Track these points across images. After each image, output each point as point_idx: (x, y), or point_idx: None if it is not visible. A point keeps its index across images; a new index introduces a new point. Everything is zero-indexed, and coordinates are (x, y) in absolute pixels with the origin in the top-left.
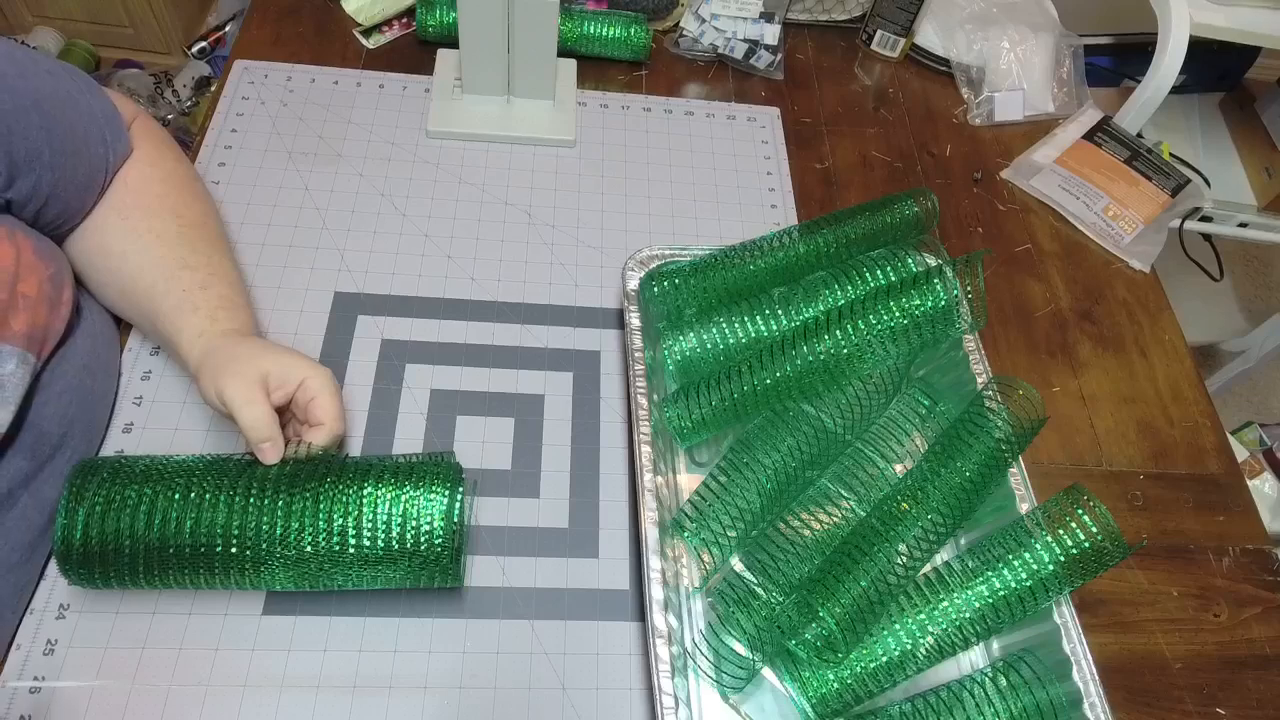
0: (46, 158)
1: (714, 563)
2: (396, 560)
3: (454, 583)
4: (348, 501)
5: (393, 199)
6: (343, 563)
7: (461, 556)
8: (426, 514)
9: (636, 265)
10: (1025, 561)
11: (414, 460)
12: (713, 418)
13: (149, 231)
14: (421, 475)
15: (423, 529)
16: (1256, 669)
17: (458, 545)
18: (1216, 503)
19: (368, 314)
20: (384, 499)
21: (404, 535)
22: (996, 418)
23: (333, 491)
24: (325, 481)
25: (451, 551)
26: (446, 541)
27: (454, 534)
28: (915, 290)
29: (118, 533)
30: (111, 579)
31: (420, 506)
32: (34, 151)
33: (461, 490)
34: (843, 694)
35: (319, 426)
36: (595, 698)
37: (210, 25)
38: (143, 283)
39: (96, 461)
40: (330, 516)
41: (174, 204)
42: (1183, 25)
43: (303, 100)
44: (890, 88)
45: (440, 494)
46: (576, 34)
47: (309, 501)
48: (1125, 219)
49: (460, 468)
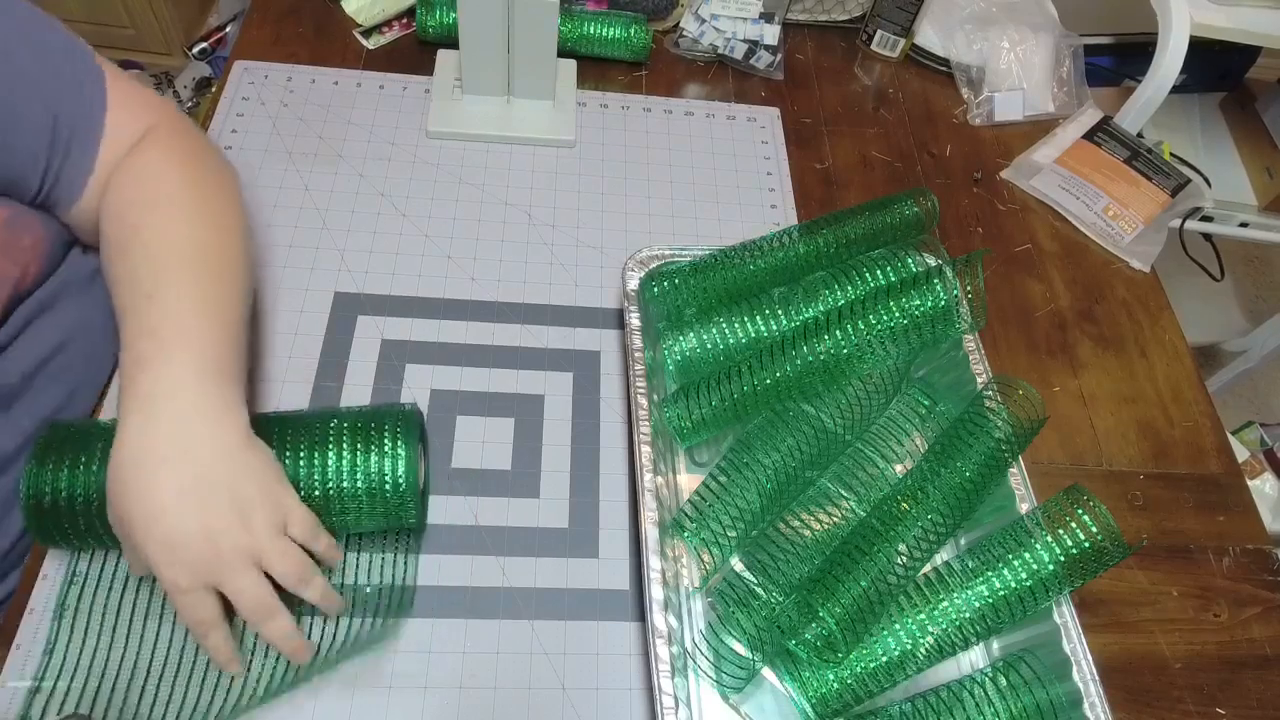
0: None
1: (714, 563)
2: (359, 497)
3: (413, 523)
4: (312, 442)
5: (393, 199)
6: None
7: (424, 499)
8: (389, 447)
9: (636, 265)
10: (1025, 561)
11: (375, 406)
12: (713, 418)
13: (112, 272)
14: (381, 419)
15: (386, 466)
16: (1256, 669)
17: (422, 486)
18: (1217, 503)
19: (368, 314)
20: (346, 430)
21: (368, 466)
22: (996, 418)
23: (296, 440)
24: (289, 430)
25: (413, 488)
26: (409, 479)
27: (413, 470)
28: (915, 290)
29: (87, 487)
30: (71, 536)
31: (379, 443)
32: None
33: (416, 433)
34: (843, 694)
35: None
36: (595, 698)
37: (211, 26)
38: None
39: (69, 421)
40: (297, 450)
41: (148, 237)
42: (1183, 25)
43: (303, 101)
44: (890, 88)
45: (401, 436)
46: (576, 34)
47: (274, 436)
48: (1125, 219)
49: (418, 415)
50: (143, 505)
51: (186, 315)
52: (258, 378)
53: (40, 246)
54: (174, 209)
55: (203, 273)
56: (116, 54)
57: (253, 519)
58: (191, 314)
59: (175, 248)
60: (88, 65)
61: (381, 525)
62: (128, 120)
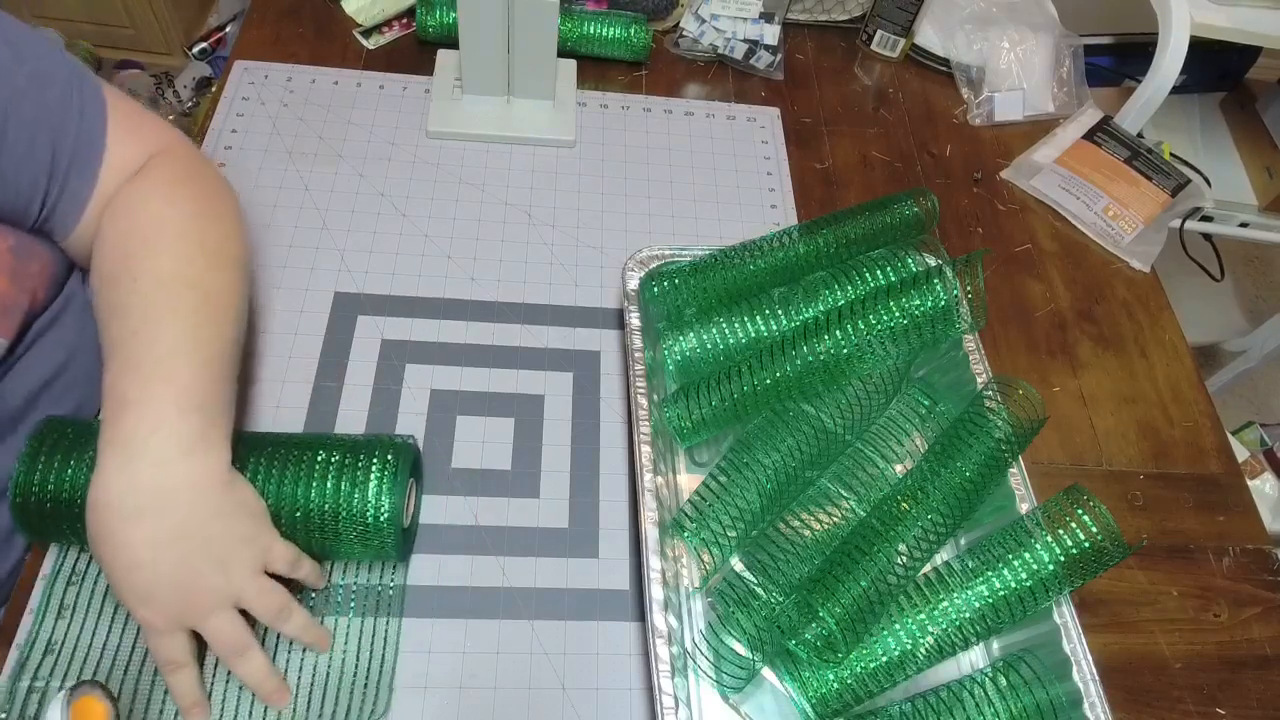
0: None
1: (714, 563)
2: (340, 522)
3: (394, 557)
4: (299, 464)
5: (393, 199)
6: (289, 526)
7: (409, 533)
8: (374, 484)
9: (636, 265)
10: (1025, 561)
11: (369, 437)
12: (713, 418)
13: (101, 304)
14: (372, 448)
15: (369, 507)
16: (1256, 669)
17: (408, 524)
18: (1217, 503)
19: (368, 314)
20: (334, 464)
21: (350, 500)
22: (996, 418)
23: (286, 455)
24: (280, 448)
25: (393, 522)
26: (392, 517)
27: (397, 505)
28: (915, 290)
29: (72, 485)
30: (65, 532)
31: (367, 475)
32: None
33: (407, 464)
34: (843, 694)
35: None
36: (595, 698)
37: (211, 26)
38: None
39: (62, 419)
40: (281, 479)
41: (138, 270)
42: (1183, 25)
43: (303, 101)
44: (890, 88)
45: (389, 466)
46: (576, 34)
47: (262, 463)
48: (1125, 219)
49: (414, 449)
50: (121, 556)
51: (171, 353)
52: (258, 378)
53: (48, 271)
54: (167, 242)
55: (191, 308)
56: (116, 54)
57: (231, 563)
58: (176, 351)
59: (164, 282)
60: (88, 91)
61: (365, 558)
62: (128, 148)
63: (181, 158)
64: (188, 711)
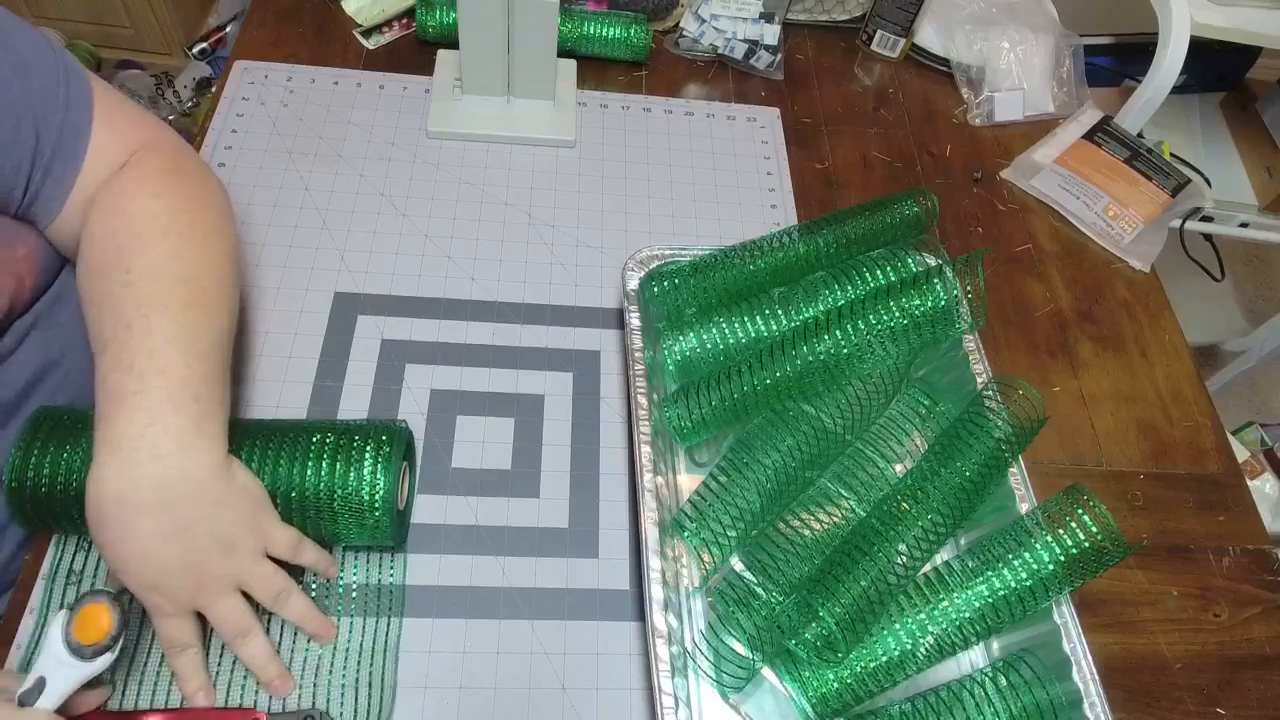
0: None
1: (714, 563)
2: (335, 501)
3: (389, 543)
4: (294, 446)
5: (393, 199)
6: (285, 507)
7: (403, 516)
8: (369, 464)
9: (636, 265)
10: (1025, 561)
11: (363, 421)
12: (713, 418)
13: (91, 298)
14: (366, 431)
15: (364, 486)
16: (1256, 669)
17: (403, 506)
18: (1217, 503)
19: (368, 314)
20: (329, 445)
21: (346, 479)
22: (996, 418)
23: (281, 438)
24: (274, 435)
25: (388, 500)
26: (386, 496)
27: (392, 484)
28: (915, 290)
29: (67, 472)
30: (60, 519)
31: (362, 455)
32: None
33: (400, 445)
34: (843, 694)
35: None
36: (595, 698)
37: (210, 26)
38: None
39: (57, 407)
40: (277, 461)
41: (129, 264)
42: (1183, 25)
43: (303, 101)
44: (890, 88)
45: (384, 446)
46: (576, 34)
47: (258, 447)
48: (1125, 219)
49: (407, 432)
50: (125, 548)
51: (165, 347)
52: (258, 378)
53: (35, 256)
54: (157, 236)
55: (183, 303)
56: (116, 54)
57: (234, 548)
58: (170, 346)
59: (156, 276)
60: (76, 84)
61: (361, 541)
62: (114, 139)
63: (167, 151)
64: (193, 695)
